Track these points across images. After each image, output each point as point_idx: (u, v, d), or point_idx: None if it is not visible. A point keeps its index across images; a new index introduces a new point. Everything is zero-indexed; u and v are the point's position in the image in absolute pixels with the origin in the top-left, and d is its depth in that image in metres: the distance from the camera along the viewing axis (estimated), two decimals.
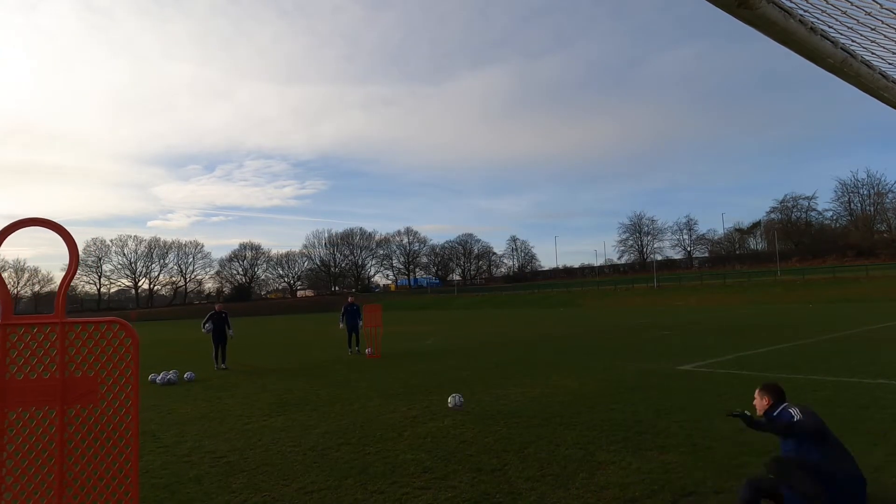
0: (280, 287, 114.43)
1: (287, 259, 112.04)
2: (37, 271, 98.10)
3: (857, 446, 5.68)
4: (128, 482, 2.85)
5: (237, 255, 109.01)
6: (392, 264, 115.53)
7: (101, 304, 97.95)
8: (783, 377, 9.93)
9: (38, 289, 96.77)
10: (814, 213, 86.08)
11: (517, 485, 5.07)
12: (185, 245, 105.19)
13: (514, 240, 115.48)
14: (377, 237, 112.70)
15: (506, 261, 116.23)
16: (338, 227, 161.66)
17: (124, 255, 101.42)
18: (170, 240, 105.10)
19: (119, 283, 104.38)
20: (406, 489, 5.08)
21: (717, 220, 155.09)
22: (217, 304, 16.54)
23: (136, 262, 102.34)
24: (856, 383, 9.20)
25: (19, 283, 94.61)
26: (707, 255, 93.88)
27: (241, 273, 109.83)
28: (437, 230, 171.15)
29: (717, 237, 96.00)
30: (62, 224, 2.94)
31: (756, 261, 79.62)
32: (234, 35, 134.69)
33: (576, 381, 10.50)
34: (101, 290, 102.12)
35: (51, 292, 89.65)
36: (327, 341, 23.69)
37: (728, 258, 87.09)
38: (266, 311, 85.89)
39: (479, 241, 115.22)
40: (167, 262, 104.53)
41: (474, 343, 20.33)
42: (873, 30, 1.95)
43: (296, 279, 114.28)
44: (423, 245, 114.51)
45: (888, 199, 78.27)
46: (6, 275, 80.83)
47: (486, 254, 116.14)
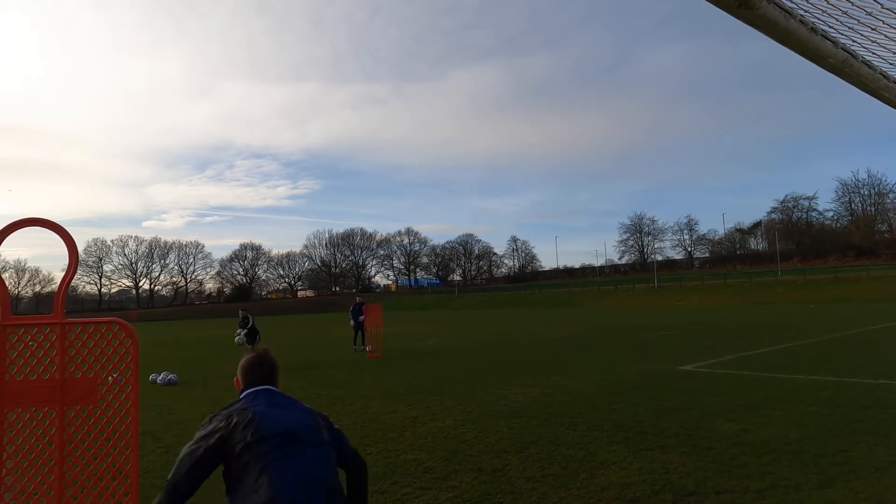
0: (281, 287, 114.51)
1: (288, 259, 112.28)
2: (38, 272, 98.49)
3: (858, 447, 5.70)
4: (128, 483, 2.86)
5: (238, 256, 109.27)
6: (393, 265, 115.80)
7: (101, 305, 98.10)
8: (784, 377, 9.93)
9: (39, 289, 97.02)
10: (815, 214, 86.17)
11: (518, 485, 5.06)
12: (186, 245, 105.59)
13: (514, 240, 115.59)
14: (378, 237, 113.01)
15: (506, 261, 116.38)
16: (337, 227, 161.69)
17: (125, 255, 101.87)
18: (170, 240, 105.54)
19: (120, 284, 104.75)
20: (407, 489, 5.07)
21: (717, 221, 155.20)
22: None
23: (136, 263, 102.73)
24: (857, 383, 9.18)
25: (20, 284, 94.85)
26: (708, 255, 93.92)
27: (242, 273, 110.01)
28: (437, 230, 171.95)
29: (717, 237, 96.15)
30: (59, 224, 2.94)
31: (757, 261, 79.53)
32: (219, 31, 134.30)
33: (576, 381, 10.49)
34: (102, 290, 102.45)
35: (52, 293, 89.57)
36: (328, 341, 23.69)
37: (729, 258, 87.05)
38: (267, 311, 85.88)
39: (479, 241, 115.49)
40: (168, 262, 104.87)
41: (475, 343, 20.31)
42: (874, 30, 1.95)
43: (296, 279, 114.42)
44: (423, 245, 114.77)
45: (889, 200, 78.35)
46: (7, 275, 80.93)
47: (487, 254, 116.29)
